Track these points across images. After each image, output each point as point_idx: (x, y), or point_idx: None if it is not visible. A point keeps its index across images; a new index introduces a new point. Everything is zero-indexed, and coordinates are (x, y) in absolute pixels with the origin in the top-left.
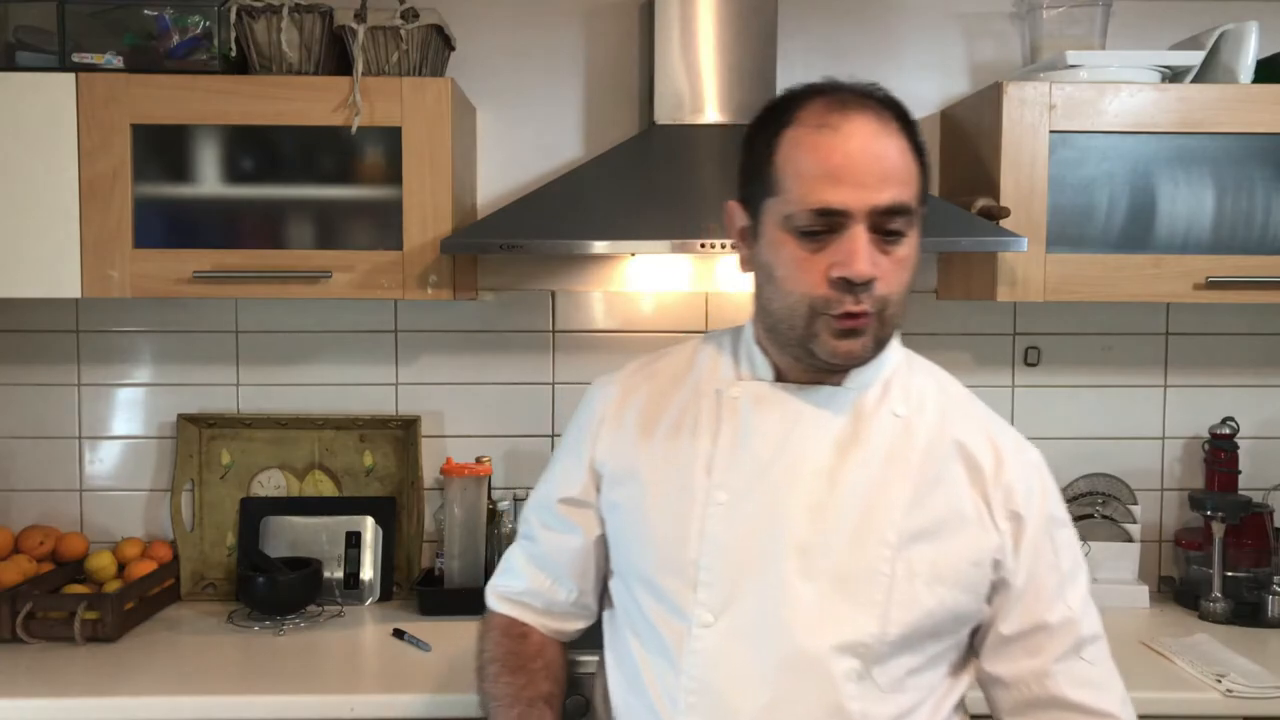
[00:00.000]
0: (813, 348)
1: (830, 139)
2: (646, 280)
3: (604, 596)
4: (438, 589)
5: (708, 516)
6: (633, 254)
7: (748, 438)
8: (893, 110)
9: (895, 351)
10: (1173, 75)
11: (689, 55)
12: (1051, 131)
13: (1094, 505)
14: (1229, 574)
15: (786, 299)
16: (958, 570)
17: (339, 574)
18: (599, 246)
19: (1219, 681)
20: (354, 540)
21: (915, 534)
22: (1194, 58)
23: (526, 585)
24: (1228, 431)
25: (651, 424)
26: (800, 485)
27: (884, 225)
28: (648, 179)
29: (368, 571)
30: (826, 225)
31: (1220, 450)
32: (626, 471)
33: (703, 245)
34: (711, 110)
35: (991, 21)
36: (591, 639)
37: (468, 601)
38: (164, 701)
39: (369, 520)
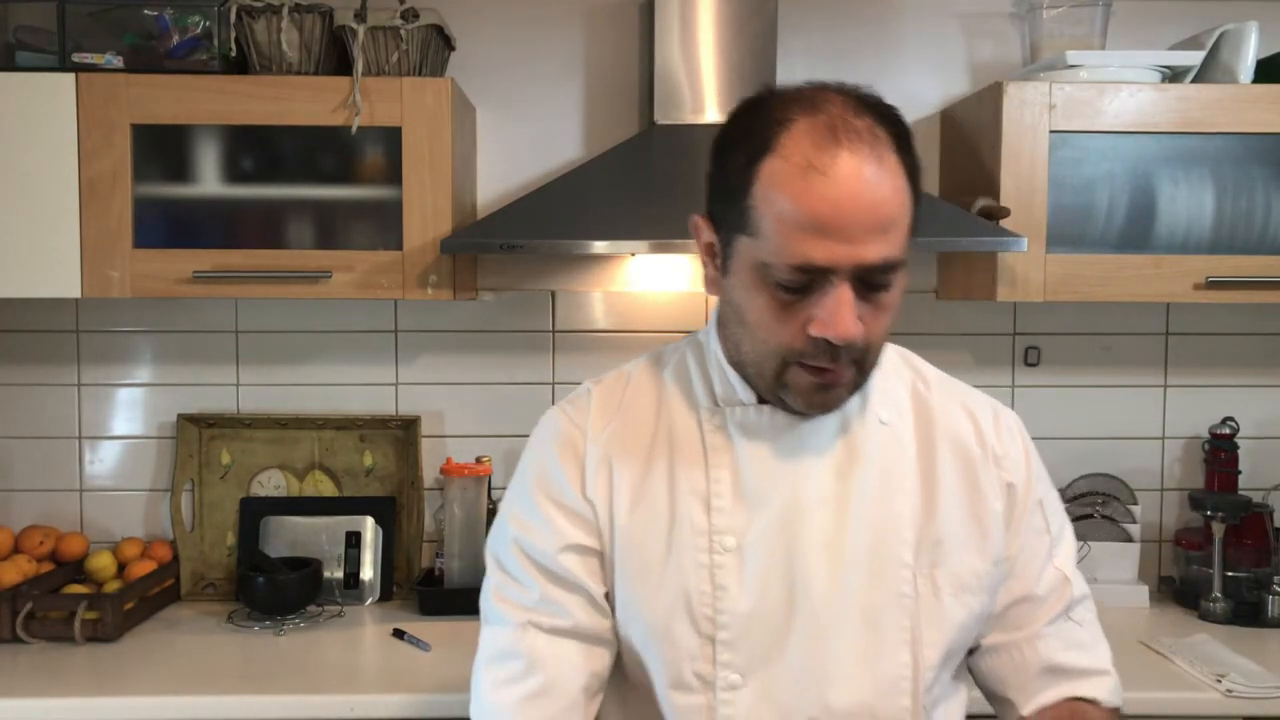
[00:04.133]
0: (784, 396)
1: (818, 186)
2: (646, 280)
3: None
4: (438, 589)
5: (716, 565)
6: (633, 254)
7: (744, 472)
8: (887, 127)
9: None
10: (1173, 75)
11: (689, 55)
12: (1051, 131)
13: (1094, 505)
14: (1229, 574)
15: (758, 346)
16: (979, 574)
17: (339, 574)
18: (599, 246)
19: (1219, 681)
20: (354, 540)
21: (930, 546)
22: (1194, 58)
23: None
24: (1228, 431)
25: (636, 459)
26: (810, 521)
27: (871, 280)
28: (648, 179)
29: (368, 571)
30: (807, 281)
31: (1220, 450)
32: (622, 514)
33: None
34: (711, 110)
35: (991, 21)
36: None
37: (468, 601)
38: (164, 701)
39: (369, 520)
